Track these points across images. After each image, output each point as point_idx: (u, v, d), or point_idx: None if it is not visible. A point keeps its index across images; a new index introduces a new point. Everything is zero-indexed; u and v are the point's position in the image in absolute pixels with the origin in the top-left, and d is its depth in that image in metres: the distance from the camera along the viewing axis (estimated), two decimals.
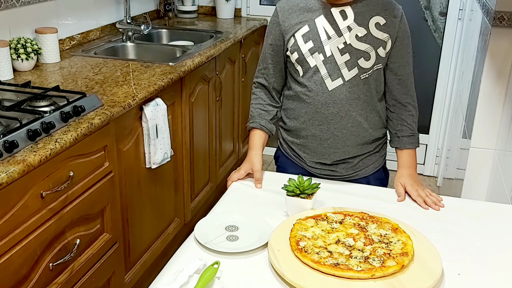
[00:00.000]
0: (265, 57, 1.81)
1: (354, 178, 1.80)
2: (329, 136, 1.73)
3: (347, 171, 1.79)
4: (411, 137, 1.77)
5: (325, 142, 1.74)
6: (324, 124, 1.72)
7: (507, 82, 2.24)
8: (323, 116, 1.71)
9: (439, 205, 1.58)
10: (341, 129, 1.72)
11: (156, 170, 2.37)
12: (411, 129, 1.77)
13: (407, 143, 1.77)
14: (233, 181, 1.71)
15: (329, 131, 1.72)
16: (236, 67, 3.36)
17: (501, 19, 2.18)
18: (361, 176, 1.81)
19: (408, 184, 1.66)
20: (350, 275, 1.19)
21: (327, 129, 1.72)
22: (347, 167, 1.79)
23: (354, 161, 1.78)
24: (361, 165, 1.80)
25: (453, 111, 3.56)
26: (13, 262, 1.54)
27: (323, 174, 1.79)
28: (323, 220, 1.40)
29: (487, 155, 2.36)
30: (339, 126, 1.71)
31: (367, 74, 1.68)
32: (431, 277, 1.20)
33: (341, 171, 1.79)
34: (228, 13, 3.84)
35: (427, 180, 3.85)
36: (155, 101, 2.26)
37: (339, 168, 1.79)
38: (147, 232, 2.41)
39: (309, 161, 1.79)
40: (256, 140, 1.79)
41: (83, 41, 2.91)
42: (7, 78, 2.24)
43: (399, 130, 1.77)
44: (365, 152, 1.79)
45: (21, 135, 1.61)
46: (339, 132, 1.72)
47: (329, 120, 1.71)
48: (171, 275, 1.24)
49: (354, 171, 1.80)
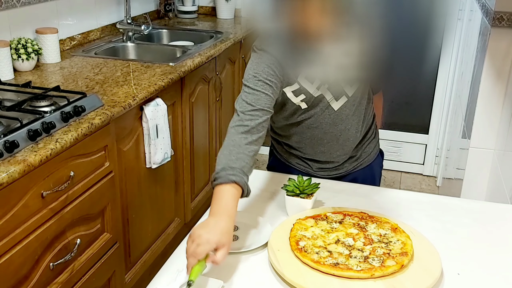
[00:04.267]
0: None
1: (359, 169, 1.79)
2: (338, 148, 1.71)
3: (351, 164, 1.78)
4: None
5: (335, 153, 1.72)
6: (333, 140, 1.69)
7: (507, 82, 2.24)
8: (332, 135, 1.68)
9: None
10: (348, 138, 1.71)
11: (156, 170, 2.38)
12: None
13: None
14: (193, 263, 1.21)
15: (338, 144, 1.70)
16: (236, 67, 3.37)
17: (501, 19, 2.18)
18: (365, 165, 1.79)
19: None
20: (350, 275, 1.20)
21: (336, 143, 1.70)
22: (351, 161, 1.77)
23: (358, 154, 1.77)
24: (364, 155, 1.78)
25: (452, 111, 3.56)
26: (13, 261, 1.54)
27: (331, 174, 1.77)
28: (323, 220, 1.41)
29: (486, 155, 2.36)
30: (346, 136, 1.70)
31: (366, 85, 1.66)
32: (430, 277, 1.21)
33: (347, 166, 1.78)
34: (228, 13, 3.84)
35: (426, 180, 3.85)
36: (155, 101, 2.26)
37: (346, 164, 1.77)
38: (147, 232, 2.42)
39: (315, 168, 1.77)
40: (233, 203, 1.34)
41: (84, 41, 2.91)
42: (7, 78, 2.24)
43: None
44: (363, 144, 1.77)
45: (22, 135, 1.61)
46: (348, 142, 1.71)
47: (338, 136, 1.68)
48: (171, 275, 1.24)
49: (359, 162, 1.78)
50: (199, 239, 1.21)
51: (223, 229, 1.24)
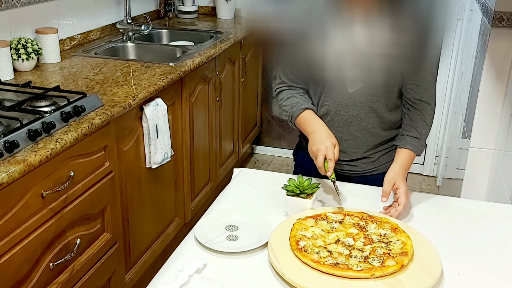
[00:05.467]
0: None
1: (374, 173, 1.78)
2: (349, 137, 1.72)
3: (367, 165, 1.78)
4: (415, 139, 1.66)
5: (345, 142, 1.73)
6: (344, 126, 1.71)
7: (507, 82, 2.25)
8: (343, 118, 1.70)
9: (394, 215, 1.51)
10: (361, 130, 1.71)
11: (156, 170, 2.38)
12: (418, 132, 1.66)
13: (409, 143, 1.65)
14: (331, 163, 1.54)
15: (349, 132, 1.71)
16: (236, 67, 3.37)
17: (501, 19, 2.18)
18: (381, 171, 1.75)
19: (402, 191, 1.52)
20: (350, 275, 1.20)
21: (347, 131, 1.71)
22: (367, 161, 1.77)
23: (375, 156, 1.77)
24: (382, 160, 1.78)
25: (452, 111, 3.56)
26: (13, 261, 1.54)
27: (343, 169, 1.77)
28: (323, 220, 1.41)
29: (486, 155, 2.36)
30: (359, 128, 1.71)
31: (386, 77, 1.65)
32: (430, 277, 1.21)
33: (361, 165, 1.78)
34: (228, 13, 3.84)
35: (426, 180, 3.85)
36: (155, 101, 2.26)
37: (359, 163, 1.78)
38: (147, 232, 2.42)
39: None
40: (316, 118, 1.67)
41: (84, 41, 2.91)
42: (7, 78, 2.24)
43: (406, 130, 1.68)
44: (385, 148, 1.77)
45: (22, 135, 1.61)
46: (359, 133, 1.72)
47: (349, 122, 1.70)
48: (171, 275, 1.24)
49: (375, 166, 1.78)
50: (313, 154, 1.56)
51: (325, 135, 1.58)
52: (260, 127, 4.14)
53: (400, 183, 1.54)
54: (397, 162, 1.63)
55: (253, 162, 4.07)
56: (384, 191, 1.54)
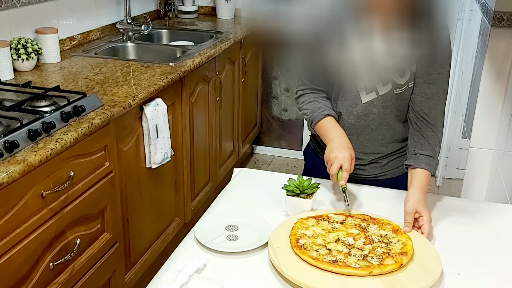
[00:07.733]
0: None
1: (382, 178, 1.76)
2: (358, 146, 1.70)
3: (375, 170, 1.77)
4: (430, 158, 1.57)
5: (354, 150, 1.71)
6: (354, 134, 1.70)
7: (507, 82, 2.25)
8: (354, 127, 1.69)
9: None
10: (371, 141, 1.71)
11: (156, 170, 2.38)
12: (431, 150, 1.58)
13: (423, 163, 1.55)
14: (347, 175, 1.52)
15: (358, 141, 1.71)
16: (236, 67, 3.37)
17: (501, 19, 2.18)
18: (390, 176, 1.75)
19: (426, 219, 1.42)
20: (348, 272, 1.20)
21: (356, 139, 1.70)
22: (375, 166, 1.76)
23: (384, 161, 1.76)
24: (391, 166, 1.76)
25: (452, 111, 3.56)
26: (13, 261, 1.54)
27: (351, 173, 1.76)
28: (325, 220, 1.41)
29: (486, 155, 2.36)
30: (369, 138, 1.70)
31: (400, 90, 1.63)
32: (429, 277, 1.21)
33: (369, 170, 1.77)
34: (228, 13, 3.84)
35: None
36: (155, 101, 2.27)
37: (366, 167, 1.77)
38: (147, 232, 2.42)
39: None
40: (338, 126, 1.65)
41: (84, 41, 2.91)
42: (7, 78, 2.24)
43: (417, 148, 1.59)
44: (395, 153, 1.76)
45: (22, 135, 1.61)
46: (368, 143, 1.71)
47: (359, 132, 1.69)
48: (171, 275, 1.24)
49: (383, 171, 1.77)
50: (330, 161, 1.53)
51: (346, 145, 1.56)
52: (260, 127, 4.14)
53: (422, 210, 1.44)
54: (415, 186, 1.52)
55: (253, 162, 4.07)
56: (407, 222, 1.42)
